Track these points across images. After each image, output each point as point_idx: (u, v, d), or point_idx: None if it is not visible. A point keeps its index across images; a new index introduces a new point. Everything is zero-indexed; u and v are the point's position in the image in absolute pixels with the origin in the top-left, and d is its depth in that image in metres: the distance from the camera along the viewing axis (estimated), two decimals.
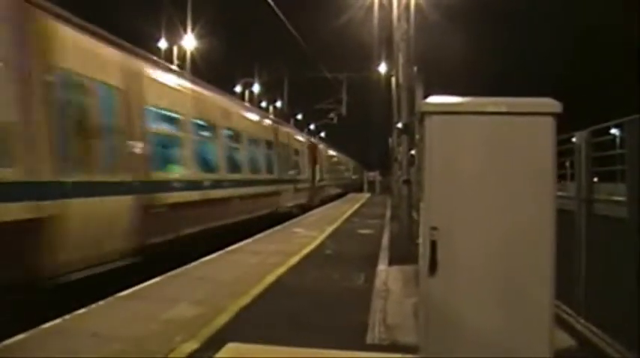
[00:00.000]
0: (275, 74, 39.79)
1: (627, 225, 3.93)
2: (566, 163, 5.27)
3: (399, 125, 11.49)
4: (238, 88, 37.87)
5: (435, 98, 3.73)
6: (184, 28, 26.84)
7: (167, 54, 27.43)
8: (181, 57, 27.63)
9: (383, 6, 16.84)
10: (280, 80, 40.81)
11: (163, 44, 28.50)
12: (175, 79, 10.27)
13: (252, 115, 16.01)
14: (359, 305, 5.85)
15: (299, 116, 49.74)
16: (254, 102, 36.19)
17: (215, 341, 4.55)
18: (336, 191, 34.26)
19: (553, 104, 3.49)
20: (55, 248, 5.93)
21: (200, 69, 26.27)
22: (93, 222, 6.57)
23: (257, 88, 40.60)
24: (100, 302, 5.70)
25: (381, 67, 26.44)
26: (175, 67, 11.97)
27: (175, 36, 28.04)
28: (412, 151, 10.76)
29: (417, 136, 6.91)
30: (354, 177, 52.62)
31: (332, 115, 45.05)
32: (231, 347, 4.41)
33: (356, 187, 46.26)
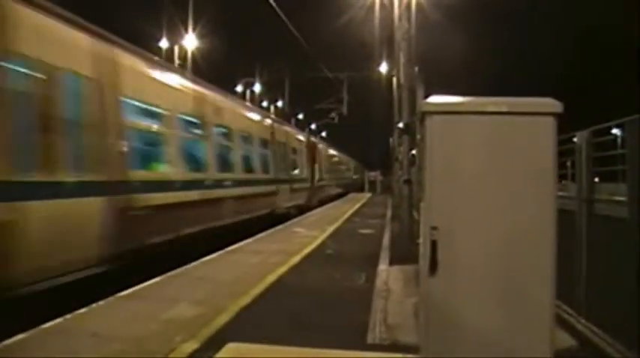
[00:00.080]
0: (276, 74, 39.84)
1: (628, 225, 3.93)
2: (567, 163, 5.27)
3: (400, 125, 11.48)
4: (239, 88, 37.94)
5: (436, 98, 3.73)
6: (185, 28, 26.91)
7: (168, 53, 27.47)
8: (182, 56, 27.67)
9: (384, 5, 16.88)
10: (281, 80, 40.88)
11: (164, 44, 28.53)
12: (159, 71, 9.42)
13: (246, 112, 15.41)
14: (360, 304, 5.85)
15: (300, 116, 49.78)
16: (255, 101, 36.23)
17: (215, 341, 4.54)
18: (337, 191, 34.12)
19: (554, 104, 3.49)
20: (11, 256, 5.30)
21: (201, 68, 26.31)
22: (56, 227, 5.90)
23: (258, 88, 40.65)
24: (100, 302, 5.69)
25: (382, 67, 26.56)
26: (160, 59, 10.60)
27: (176, 35, 28.11)
28: (413, 151, 10.75)
29: (418, 136, 6.91)
30: (355, 176, 52.58)
31: (333, 115, 44.99)
32: (231, 347, 4.41)
33: (357, 187, 46.20)
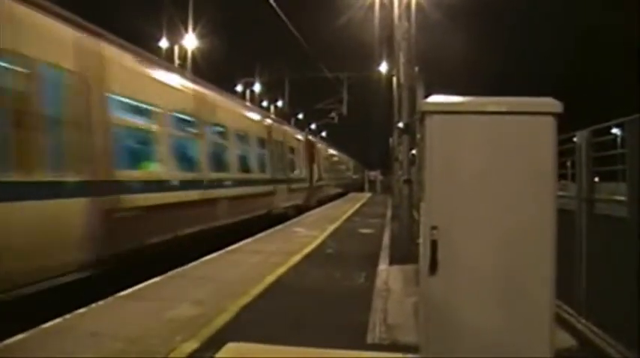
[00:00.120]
0: (276, 74, 39.82)
1: (628, 225, 3.93)
2: (567, 163, 5.27)
3: (400, 124, 11.45)
4: (239, 88, 37.93)
5: (436, 98, 3.73)
6: (185, 28, 26.89)
7: (168, 53, 27.47)
8: (182, 56, 27.66)
9: (384, 5, 16.88)
10: (281, 80, 40.84)
11: (164, 44, 28.53)
12: (149, 66, 9.02)
13: (242, 110, 15.08)
14: (360, 304, 5.85)
15: (300, 116, 49.80)
16: (255, 101, 36.21)
17: (215, 340, 4.54)
18: (336, 191, 34.02)
19: (554, 104, 3.49)
20: None
21: (201, 68, 26.30)
22: (31, 230, 5.57)
23: (258, 88, 40.65)
24: (100, 302, 5.69)
25: (382, 67, 26.55)
26: (150, 54, 9.81)
27: (176, 35, 28.06)
28: (413, 151, 10.74)
29: (418, 136, 6.90)
30: (355, 176, 52.54)
31: (333, 115, 45.06)
32: (231, 346, 4.41)
33: (357, 187, 46.17)
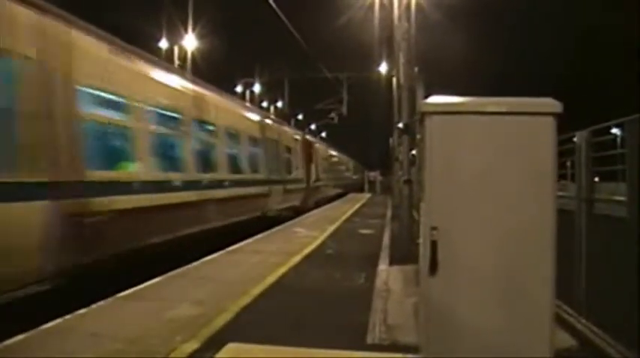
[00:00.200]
0: (276, 74, 39.81)
1: (628, 225, 3.93)
2: (566, 163, 5.27)
3: (400, 125, 11.45)
4: (239, 88, 37.93)
5: (436, 98, 3.74)
6: (185, 28, 26.89)
7: (168, 54, 27.48)
8: (182, 57, 27.67)
9: (384, 6, 16.87)
10: (281, 80, 40.83)
11: (164, 44, 28.53)
12: (129, 58, 8.26)
13: (233, 107, 14.36)
14: (360, 304, 5.85)
15: (300, 116, 49.81)
16: (255, 101, 36.22)
17: (215, 341, 4.54)
18: (335, 191, 33.88)
19: (554, 104, 3.50)
20: None
21: (201, 69, 26.31)
22: None
23: (258, 88, 40.65)
24: (100, 302, 5.69)
25: (382, 67, 26.55)
26: (132, 46, 8.77)
27: (176, 36, 28.07)
28: (413, 151, 10.74)
29: (418, 136, 6.90)
30: (355, 176, 52.49)
31: (333, 115, 45.06)
32: (231, 347, 4.41)
33: (356, 187, 46.11)
